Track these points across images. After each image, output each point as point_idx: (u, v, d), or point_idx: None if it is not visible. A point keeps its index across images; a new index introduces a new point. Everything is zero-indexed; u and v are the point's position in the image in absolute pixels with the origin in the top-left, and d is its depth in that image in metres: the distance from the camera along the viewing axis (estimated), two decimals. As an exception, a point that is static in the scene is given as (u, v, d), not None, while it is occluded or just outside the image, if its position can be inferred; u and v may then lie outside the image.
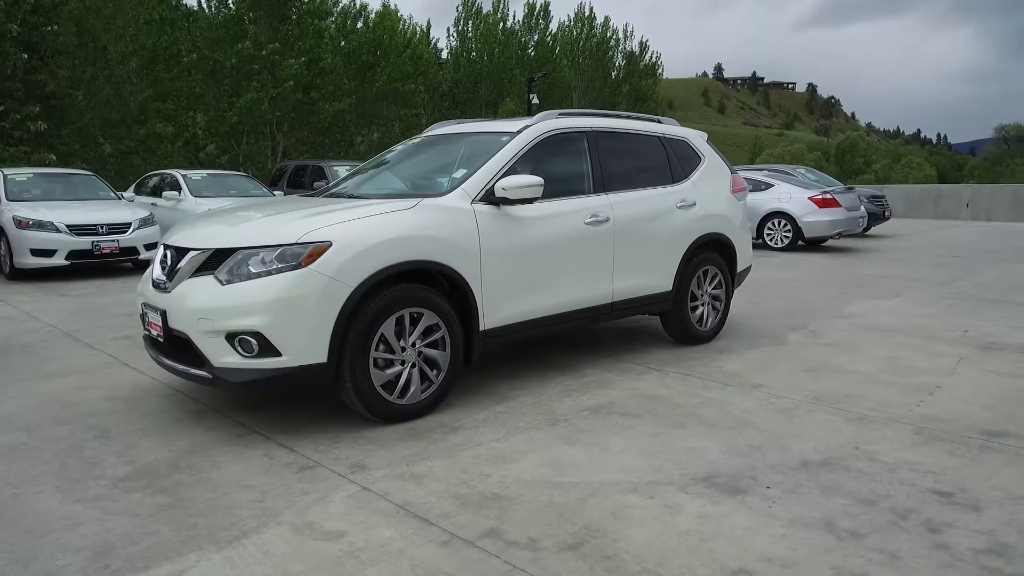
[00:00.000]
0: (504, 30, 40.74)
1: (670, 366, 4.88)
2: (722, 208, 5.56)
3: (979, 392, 4.31)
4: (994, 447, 3.43)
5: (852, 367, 4.89)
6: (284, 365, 3.34)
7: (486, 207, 4.04)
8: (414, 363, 3.72)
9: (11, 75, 16.59)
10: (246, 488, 2.96)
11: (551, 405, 4.03)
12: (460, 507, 2.79)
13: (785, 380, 4.56)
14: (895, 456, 3.31)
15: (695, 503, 2.83)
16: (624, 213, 4.75)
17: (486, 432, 3.61)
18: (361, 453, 3.33)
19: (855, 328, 6.17)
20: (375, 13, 29.80)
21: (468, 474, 3.10)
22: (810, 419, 3.83)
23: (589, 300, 4.60)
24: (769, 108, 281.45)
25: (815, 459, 3.28)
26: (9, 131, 16.89)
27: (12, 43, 16.23)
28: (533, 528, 2.62)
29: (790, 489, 2.96)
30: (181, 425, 3.71)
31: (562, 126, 4.65)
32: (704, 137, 5.84)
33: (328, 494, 2.91)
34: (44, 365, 4.93)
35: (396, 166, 4.91)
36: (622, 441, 3.50)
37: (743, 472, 3.13)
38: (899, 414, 3.90)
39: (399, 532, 2.59)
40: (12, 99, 17.41)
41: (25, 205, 9.21)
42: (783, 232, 12.93)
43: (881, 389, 4.37)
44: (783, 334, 5.91)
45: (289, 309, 3.32)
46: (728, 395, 4.24)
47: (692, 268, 5.31)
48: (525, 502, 2.83)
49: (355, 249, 3.45)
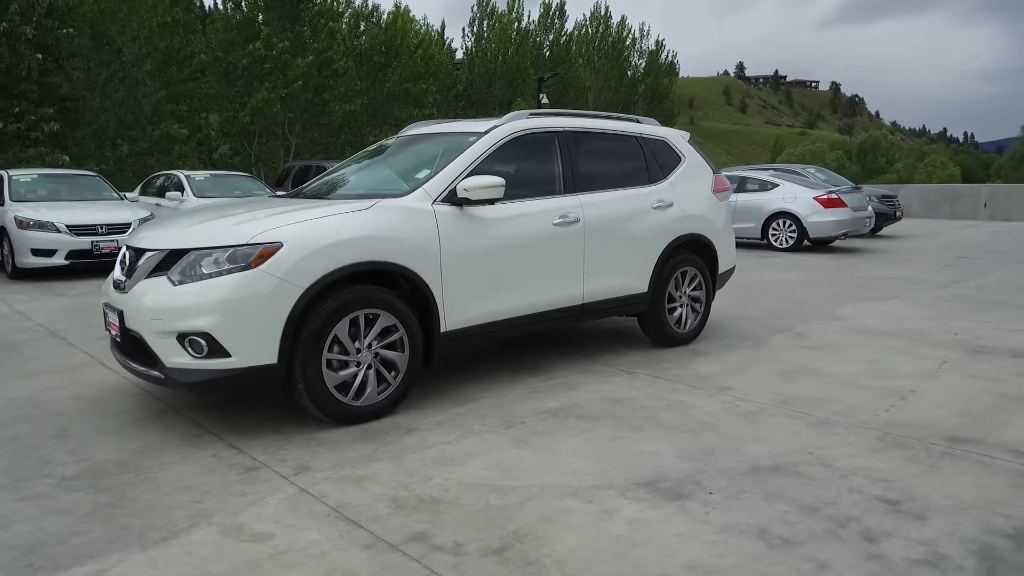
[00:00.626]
0: (519, 30, 40.73)
1: (643, 368, 4.83)
2: (702, 208, 5.50)
3: (954, 397, 4.22)
4: (956, 454, 3.35)
5: (829, 370, 4.81)
6: (233, 366, 3.35)
7: (448, 208, 4.02)
8: (370, 365, 3.72)
9: (26, 77, 16.88)
10: (187, 489, 2.97)
11: (512, 407, 4.01)
12: (394, 510, 2.77)
13: (756, 383, 4.49)
14: (850, 462, 3.25)
15: (632, 508, 2.79)
16: (595, 214, 4.71)
17: (440, 434, 3.59)
18: (309, 455, 3.33)
19: (844, 330, 6.07)
20: (387, 14, 29.90)
21: (411, 477, 3.08)
22: (771, 423, 3.77)
23: (558, 301, 4.57)
24: (791, 107, 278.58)
25: (766, 464, 3.23)
26: (25, 132, 17.18)
27: (27, 45, 16.51)
28: (461, 532, 2.60)
29: (733, 495, 2.91)
30: (139, 425, 3.74)
31: (532, 126, 4.63)
32: (686, 137, 5.78)
33: (266, 496, 2.91)
34: (24, 364, 4.99)
35: (369, 167, 4.91)
36: (575, 444, 3.46)
37: (690, 477, 3.08)
38: (865, 419, 3.83)
39: (326, 535, 2.58)
40: (28, 101, 17.71)
41: (28, 205, 9.35)
42: (788, 232, 12.78)
43: (853, 393, 4.30)
44: (767, 336, 5.83)
45: (238, 310, 3.32)
46: (694, 398, 4.19)
47: (669, 269, 5.26)
48: (461, 506, 2.81)
49: (306, 250, 3.45)
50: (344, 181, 4.77)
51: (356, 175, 4.82)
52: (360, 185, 4.60)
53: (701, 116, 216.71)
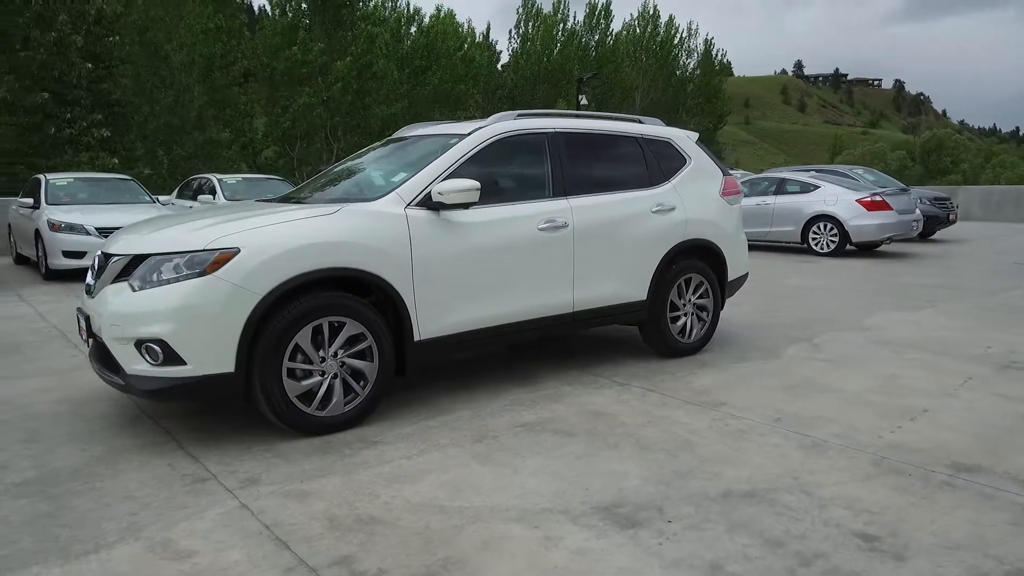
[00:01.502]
0: (564, 31, 40.51)
1: (638, 380, 4.61)
2: (708, 212, 5.24)
3: (970, 418, 3.88)
4: (956, 484, 3.05)
5: (839, 385, 4.50)
6: (189, 374, 3.28)
7: (423, 212, 3.89)
8: (336, 374, 3.61)
9: (76, 84, 17.48)
10: (129, 499, 2.91)
11: (487, 420, 3.85)
12: (328, 530, 2.65)
13: (755, 398, 4.23)
14: (834, 490, 2.99)
15: (579, 536, 2.60)
16: (586, 218, 4.51)
17: (402, 448, 3.46)
18: (262, 467, 3.23)
19: (866, 342, 5.71)
20: (429, 16, 30.08)
21: (357, 494, 2.95)
22: (759, 443, 3.52)
23: (546, 309, 4.39)
24: (852, 106, 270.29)
25: (741, 490, 2.99)
26: (76, 137, 17.80)
27: (77, 53, 17.10)
28: (390, 557, 2.45)
29: (694, 524, 2.69)
30: (110, 431, 3.71)
31: (519, 128, 4.46)
32: (693, 137, 5.52)
33: (204, 510, 2.82)
34: (23, 365, 5.06)
35: (356, 170, 4.82)
36: (540, 462, 3.29)
37: (652, 502, 2.87)
38: (864, 441, 3.54)
39: (249, 555, 2.47)
40: (80, 107, 18.36)
41: (61, 208, 9.62)
42: (829, 236, 12.26)
43: (859, 411, 4.00)
44: (781, 347, 5.53)
45: (192, 317, 3.25)
46: (683, 414, 3.95)
47: (671, 276, 5.01)
48: (400, 527, 2.67)
49: (263, 256, 3.35)
50: (327, 185, 4.68)
51: (341, 179, 4.73)
52: (341, 189, 4.51)
53: (758, 116, 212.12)
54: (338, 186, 4.57)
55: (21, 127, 17.91)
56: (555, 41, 40.14)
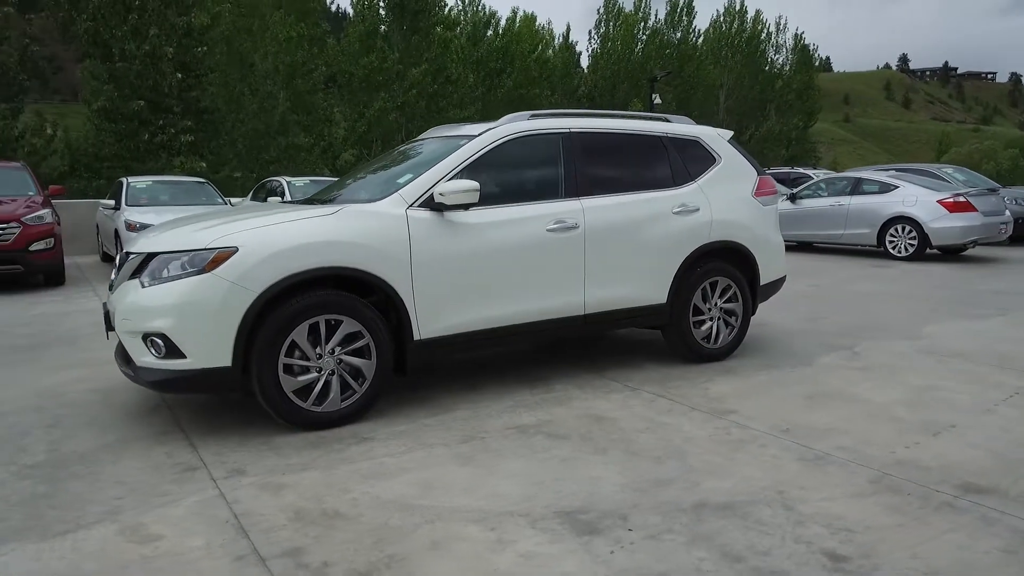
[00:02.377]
0: (645, 29, 39.92)
1: (651, 385, 4.50)
2: (738, 214, 5.05)
3: (1002, 436, 3.59)
4: (959, 506, 2.83)
5: (867, 396, 4.26)
6: (189, 367, 3.44)
7: (425, 213, 3.93)
8: (333, 371, 3.69)
9: (168, 92, 18.59)
10: (119, 484, 3.07)
11: (483, 421, 3.85)
12: (291, 522, 2.72)
13: (769, 407, 4.05)
14: (818, 506, 2.83)
15: (533, 540, 2.57)
16: (598, 219, 4.44)
17: (391, 446, 3.50)
18: (253, 458, 3.35)
19: (913, 351, 5.37)
20: (505, 19, 30.29)
21: (331, 488, 3.02)
22: (756, 454, 3.37)
23: (555, 311, 4.35)
24: (963, 102, 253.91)
25: (717, 501, 2.88)
26: (167, 143, 18.93)
27: (169, 64, 18.18)
28: (338, 552, 2.50)
29: (655, 534, 2.61)
30: (127, 419, 3.93)
31: (531, 128, 4.44)
32: (726, 136, 5.34)
33: (184, 497, 2.94)
34: (73, 356, 5.43)
35: (376, 171, 4.91)
36: (521, 464, 3.26)
37: (619, 509, 2.80)
38: (871, 455, 3.34)
39: (208, 542, 2.57)
40: (172, 114, 19.51)
41: (139, 210, 10.24)
42: (907, 239, 11.57)
43: (878, 424, 3.77)
44: (817, 354, 5.27)
45: (191, 313, 3.41)
46: (686, 421, 3.84)
47: (695, 279, 4.87)
48: (359, 523, 2.71)
49: (260, 255, 3.48)
50: (348, 186, 4.78)
51: (361, 180, 4.83)
52: (359, 190, 4.60)
53: (858, 113, 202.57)
54: (357, 187, 4.66)
55: (119, 133, 19.20)
56: (636, 40, 39.63)
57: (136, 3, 18.30)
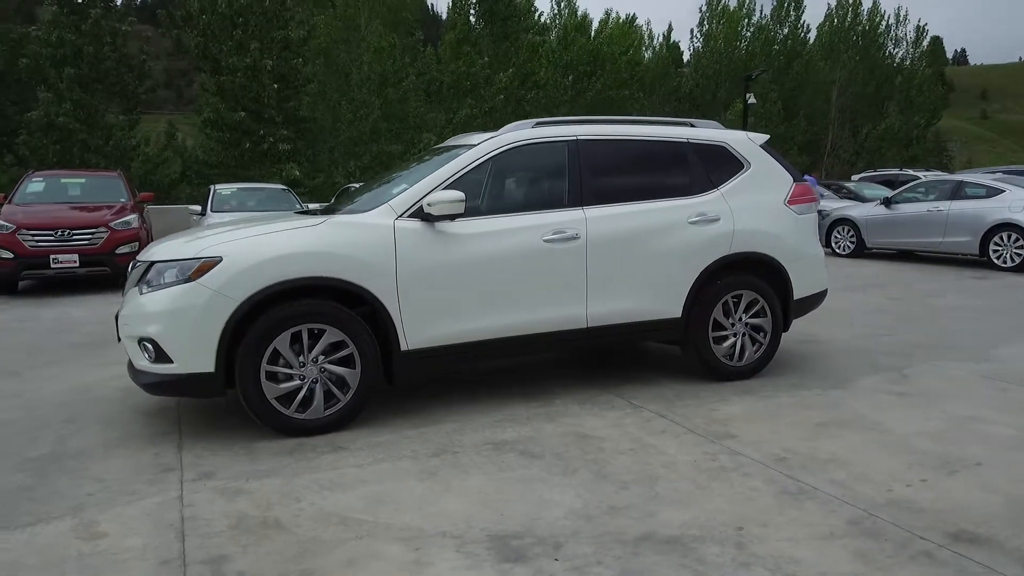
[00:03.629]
0: (749, 25, 38.45)
1: (657, 404, 4.29)
2: (766, 223, 4.75)
3: (1030, 478, 3.18)
4: (939, 557, 2.53)
5: (891, 426, 3.89)
6: (175, 371, 3.59)
7: (414, 223, 3.93)
8: (316, 379, 3.75)
9: (267, 103, 19.63)
10: (97, 482, 3.24)
11: (464, 435, 3.79)
12: (229, 529, 2.77)
13: (774, 433, 3.78)
14: (776, 547, 2.60)
15: (450, 564, 2.50)
16: (602, 229, 4.28)
17: (362, 456, 3.52)
18: (226, 462, 3.44)
19: (972, 376, 4.87)
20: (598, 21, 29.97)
21: (284, 497, 3.06)
22: (734, 484, 3.15)
23: (554, 323, 4.24)
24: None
25: (665, 535, 2.70)
26: (266, 151, 20.00)
27: (268, 76, 19.20)
28: (258, 563, 2.52)
29: (580, 566, 2.48)
30: (136, 418, 4.15)
31: (533, 137, 4.34)
32: (759, 140, 5.02)
33: (146, 498, 3.07)
34: (118, 355, 5.72)
35: (390, 180, 4.94)
36: (480, 483, 3.19)
37: (556, 536, 2.68)
38: (862, 493, 3.04)
39: (144, 544, 2.66)
40: (273, 124, 20.59)
41: (222, 215, 10.84)
42: (1013, 249, 10.52)
43: (889, 458, 3.43)
44: (857, 376, 4.86)
45: (177, 319, 3.56)
46: (676, 444, 3.63)
47: (715, 293, 4.61)
48: (292, 534, 2.73)
49: (243, 265, 3.58)
50: (357, 196, 4.84)
51: (372, 189, 4.88)
52: (363, 200, 4.63)
53: (997, 109, 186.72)
54: (363, 198, 4.72)
55: (225, 142, 20.46)
56: (740, 37, 38.27)
57: (240, 19, 19.44)
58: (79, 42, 18.69)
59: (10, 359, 5.67)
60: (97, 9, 19.20)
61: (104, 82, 19.46)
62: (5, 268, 8.63)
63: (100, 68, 19.18)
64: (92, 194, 10.09)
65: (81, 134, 18.49)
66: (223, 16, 20.08)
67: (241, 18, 19.82)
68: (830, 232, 13.23)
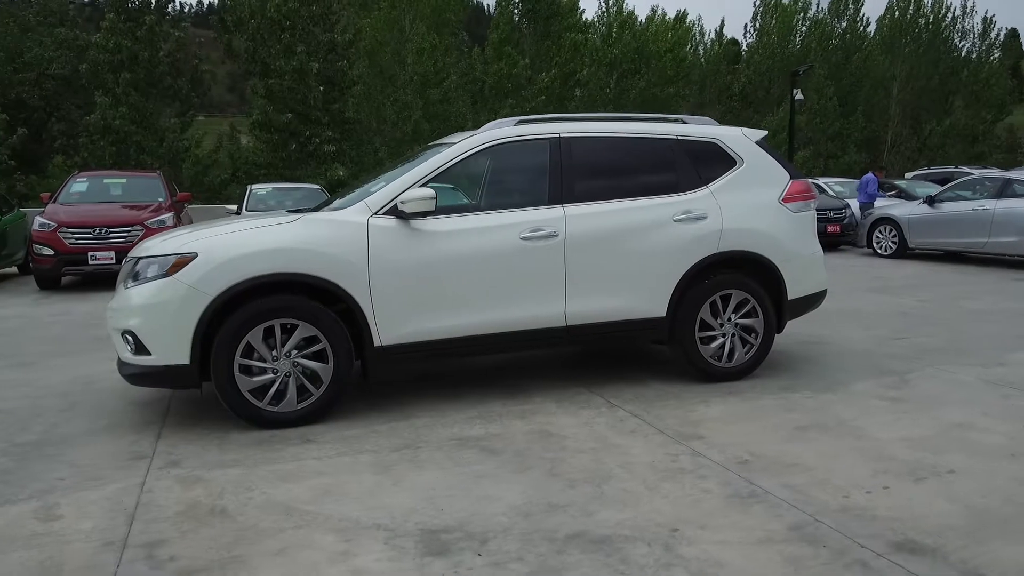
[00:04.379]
0: (805, 20, 37.38)
1: (634, 404, 4.25)
2: (757, 221, 4.64)
3: (1001, 489, 3.04)
4: (874, 566, 2.44)
5: (870, 431, 3.76)
6: (153, 363, 3.73)
7: (388, 221, 3.98)
8: (289, 373, 3.84)
9: (313, 105, 20.08)
10: (71, 467, 3.40)
11: (433, 430, 3.83)
12: (177, 515, 2.87)
13: (745, 436, 3.70)
14: (706, 550, 2.55)
15: (374, 556, 2.54)
16: (582, 227, 4.26)
17: (327, 448, 3.59)
18: (196, 452, 3.56)
19: (977, 381, 4.66)
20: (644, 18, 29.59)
21: (238, 486, 3.15)
22: (686, 485, 3.10)
23: (531, 322, 4.23)
24: None
25: (597, 534, 2.68)
26: (312, 152, 20.46)
27: (315, 78, 19.64)
28: (190, 549, 2.61)
29: (501, 562, 2.49)
30: (128, 407, 4.32)
31: (514, 134, 4.35)
32: (754, 136, 4.91)
33: (112, 483, 3.20)
34: (140, 347, 6.03)
35: (378, 178, 4.99)
36: (431, 478, 3.22)
37: (487, 532, 2.70)
38: (816, 499, 2.95)
39: (94, 527, 2.78)
40: (320, 125, 21.06)
41: (256, 214, 11.15)
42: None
43: (857, 463, 3.32)
44: (855, 380, 4.71)
45: (154, 313, 3.70)
46: (641, 444, 3.59)
47: (702, 292, 4.53)
48: (234, 522, 2.81)
49: (217, 261, 3.69)
50: (346, 194, 4.91)
51: (357, 188, 4.93)
52: (348, 198, 4.72)
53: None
54: (349, 195, 4.80)
55: (273, 144, 21.03)
56: (795, 32, 37.25)
57: (287, 23, 19.96)
58: (134, 48, 19.49)
59: (33, 350, 5.97)
60: (151, 16, 19.98)
61: (158, 86, 20.25)
62: (46, 264, 9.09)
63: (154, 73, 19.96)
64: (132, 194, 10.53)
65: (136, 136, 19.29)
66: (272, 20, 20.63)
67: (288, 22, 20.34)
68: (871, 232, 12.81)
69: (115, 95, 19.33)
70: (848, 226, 13.77)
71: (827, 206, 14.05)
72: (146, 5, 20.65)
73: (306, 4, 20.27)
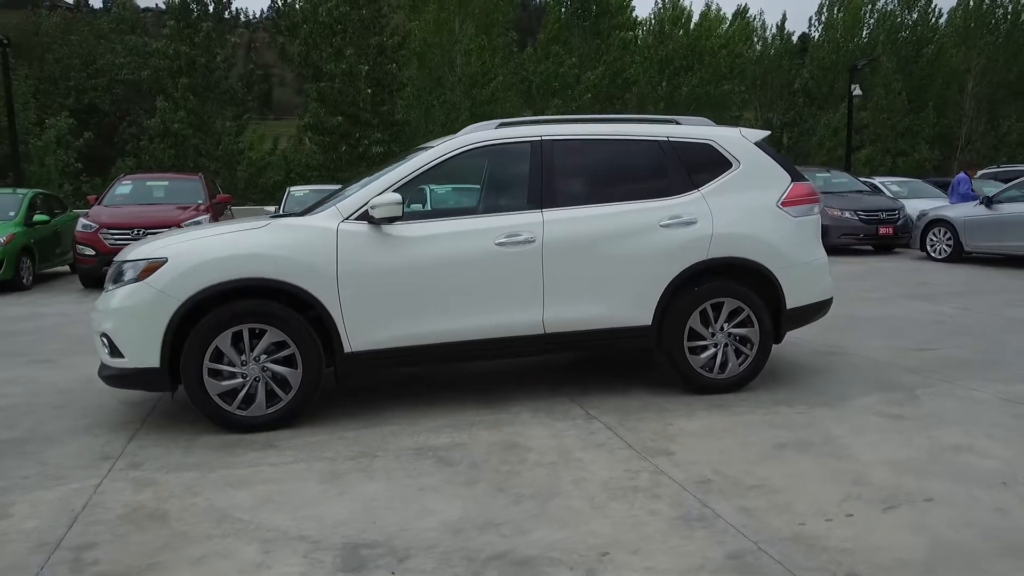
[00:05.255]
0: (873, 12, 35.90)
1: (613, 415, 4.11)
2: (752, 226, 4.43)
3: (978, 522, 2.79)
4: (806, 602, 2.27)
5: (853, 452, 3.53)
6: (126, 366, 3.81)
7: (359, 227, 3.96)
8: (258, 377, 3.86)
9: (363, 107, 20.40)
10: (39, 465, 3.49)
11: (397, 438, 3.79)
12: (118, 518, 2.91)
13: (716, 454, 3.52)
14: (628, 577, 2.42)
15: (287, 569, 2.51)
16: (561, 232, 4.15)
17: (287, 455, 3.59)
18: (160, 455, 3.61)
19: (989, 399, 4.34)
20: (699, 14, 28.92)
21: (187, 491, 3.17)
22: (635, 505, 2.97)
23: (507, 329, 4.14)
24: None
25: (522, 555, 2.58)
26: (362, 154, 20.80)
27: (364, 81, 19.96)
28: (119, 553, 2.63)
29: (411, 582, 2.42)
30: (114, 408, 4.42)
31: (494, 138, 4.27)
32: (754, 137, 4.69)
33: (68, 483, 3.27)
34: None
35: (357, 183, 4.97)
36: (375, 488, 3.18)
37: (409, 548, 2.63)
38: (768, 525, 2.78)
39: (37, 527, 2.84)
40: (369, 127, 21.39)
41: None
42: None
43: (826, 487, 3.12)
44: (857, 395, 4.45)
45: (125, 317, 3.78)
46: (604, 459, 3.47)
47: (690, 300, 4.35)
48: (168, 528, 2.83)
49: (185, 266, 3.74)
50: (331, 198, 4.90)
51: (340, 191, 4.91)
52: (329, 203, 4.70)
53: None
54: (333, 199, 4.79)
55: (324, 146, 21.48)
56: (862, 25, 35.83)
57: (339, 27, 20.35)
58: (192, 53, 20.20)
59: (54, 348, 6.21)
60: (208, 23, 20.69)
61: (215, 90, 20.96)
62: (88, 264, 9.48)
63: (211, 77, 20.65)
64: (173, 196, 10.89)
65: (194, 139, 20.00)
66: (323, 25, 21.07)
67: (340, 25, 20.73)
68: (924, 234, 12.16)
69: (174, 100, 20.09)
70: (902, 228, 13.13)
71: (880, 207, 13.46)
72: (204, 12, 21.38)
73: (356, 8, 20.61)
